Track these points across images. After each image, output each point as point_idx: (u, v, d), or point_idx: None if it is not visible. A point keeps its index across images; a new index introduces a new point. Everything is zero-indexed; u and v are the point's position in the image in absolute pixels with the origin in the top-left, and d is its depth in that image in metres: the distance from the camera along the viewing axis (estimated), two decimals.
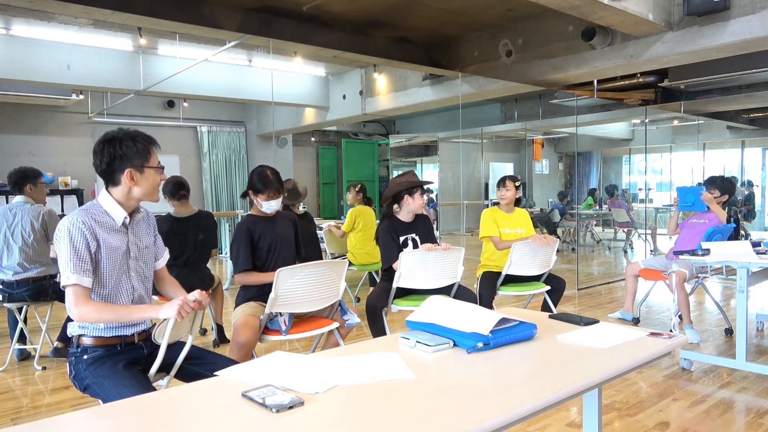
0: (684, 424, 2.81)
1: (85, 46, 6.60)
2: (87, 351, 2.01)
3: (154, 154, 2.05)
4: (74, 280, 1.88)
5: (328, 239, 6.32)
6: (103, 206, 2.02)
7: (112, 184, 2.02)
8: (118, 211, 2.02)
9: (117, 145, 1.99)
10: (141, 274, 2.12)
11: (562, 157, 14.82)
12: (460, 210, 12.21)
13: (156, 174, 2.05)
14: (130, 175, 1.99)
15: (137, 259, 2.09)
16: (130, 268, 2.06)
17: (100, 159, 2.01)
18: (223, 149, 10.80)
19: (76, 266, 1.89)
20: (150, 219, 2.22)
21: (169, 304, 1.93)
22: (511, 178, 4.26)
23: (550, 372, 1.48)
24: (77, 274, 1.88)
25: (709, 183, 4.65)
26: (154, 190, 2.06)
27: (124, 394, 1.88)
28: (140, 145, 2.01)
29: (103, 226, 1.98)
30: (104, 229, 1.98)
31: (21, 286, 3.84)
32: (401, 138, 13.30)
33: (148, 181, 2.03)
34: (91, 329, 2.01)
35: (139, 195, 2.03)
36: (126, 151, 1.98)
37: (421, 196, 3.62)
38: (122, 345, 2.05)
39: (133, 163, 1.99)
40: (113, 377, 1.95)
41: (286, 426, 1.17)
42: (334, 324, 2.99)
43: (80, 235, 1.91)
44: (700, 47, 4.46)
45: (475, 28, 6.06)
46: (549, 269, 4.03)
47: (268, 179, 3.06)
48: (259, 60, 7.80)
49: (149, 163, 2.02)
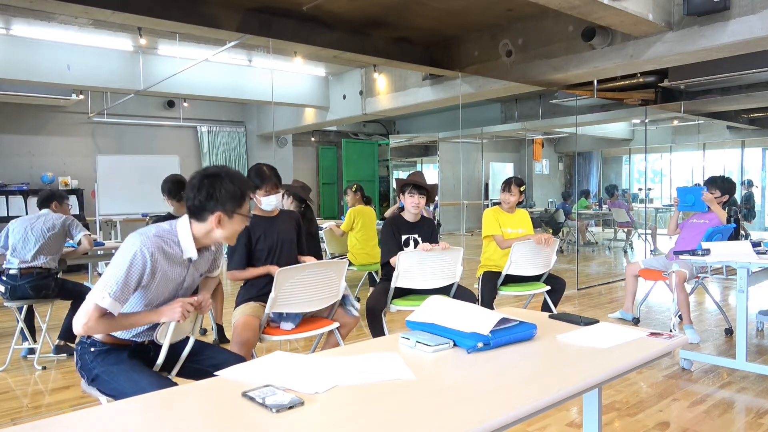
0: (684, 424, 2.81)
1: (85, 46, 6.60)
2: (95, 344, 2.01)
3: (246, 203, 1.99)
4: (107, 305, 1.81)
5: (328, 239, 6.33)
6: (178, 236, 1.97)
7: (196, 219, 1.96)
8: (190, 247, 1.97)
9: (216, 185, 1.92)
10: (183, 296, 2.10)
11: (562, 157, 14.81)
12: (460, 210, 12.21)
13: (242, 222, 2.00)
14: (218, 218, 1.93)
15: (188, 288, 2.09)
16: (177, 295, 2.05)
17: (195, 194, 1.93)
18: (223, 149, 10.80)
19: (117, 293, 1.82)
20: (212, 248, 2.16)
21: (170, 307, 1.93)
22: (516, 182, 4.20)
23: (550, 372, 1.48)
24: (114, 300, 1.82)
25: (710, 183, 4.65)
26: (234, 236, 2.01)
27: (136, 380, 1.90)
28: (237, 189, 1.95)
29: (168, 257, 1.94)
30: (168, 260, 1.94)
31: (24, 278, 3.86)
32: (401, 138, 13.30)
33: (233, 228, 1.98)
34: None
35: (219, 238, 1.99)
36: (224, 194, 1.92)
37: (410, 195, 3.58)
38: (132, 346, 2.07)
39: (226, 207, 1.93)
40: (122, 365, 1.97)
41: (286, 426, 1.17)
42: (334, 324, 2.99)
43: (142, 265, 1.85)
44: (700, 47, 4.46)
45: (475, 28, 6.06)
46: (549, 269, 4.03)
47: (265, 174, 3.06)
48: (259, 60, 7.80)
49: (241, 210, 1.97)
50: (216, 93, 7.95)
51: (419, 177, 3.73)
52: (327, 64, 8.19)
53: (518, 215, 4.26)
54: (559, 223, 10.31)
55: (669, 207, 10.00)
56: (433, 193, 3.68)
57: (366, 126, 13.19)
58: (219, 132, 10.78)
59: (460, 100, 6.80)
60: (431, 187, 3.65)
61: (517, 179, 4.24)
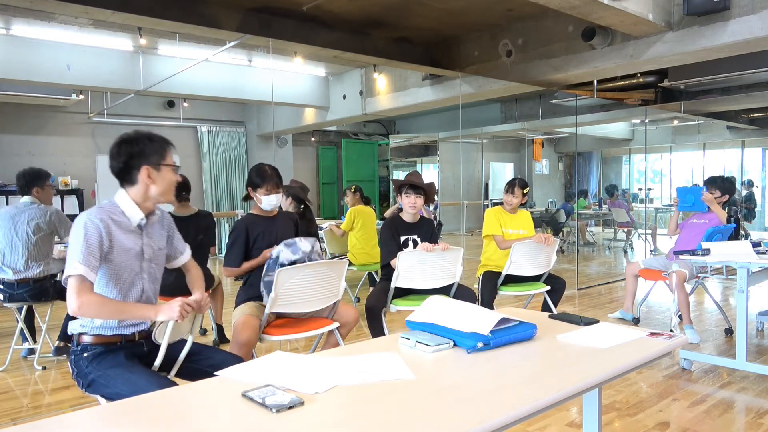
0: (684, 424, 2.81)
1: (85, 46, 6.59)
2: (87, 348, 2.01)
3: (170, 154, 2.05)
4: (81, 270, 1.85)
5: (328, 239, 6.33)
6: (120, 206, 2.02)
7: (128, 183, 2.02)
8: (135, 212, 2.02)
9: (134, 144, 1.99)
10: (152, 276, 2.12)
11: (562, 157, 14.82)
12: (460, 210, 12.21)
13: (172, 173, 2.05)
14: (147, 172, 1.99)
15: (150, 260, 2.10)
16: (143, 270, 2.07)
17: (117, 159, 2.00)
18: (223, 149, 10.79)
19: (85, 259, 1.87)
20: (164, 219, 2.22)
21: (168, 306, 1.93)
22: (520, 184, 4.20)
23: (550, 372, 1.48)
24: (85, 266, 1.87)
25: (710, 183, 4.65)
26: (170, 189, 2.06)
27: (133, 381, 1.90)
28: (156, 144, 2.02)
29: (119, 225, 1.98)
30: (120, 229, 1.98)
31: (21, 286, 3.83)
32: (401, 138, 13.30)
33: (165, 180, 2.03)
34: (90, 328, 2.01)
35: (156, 194, 2.03)
36: (143, 149, 1.99)
37: (406, 195, 3.57)
38: (122, 342, 2.05)
39: (150, 160, 1.99)
40: (118, 368, 1.96)
41: (286, 426, 1.17)
42: (334, 324, 2.99)
43: (96, 231, 1.91)
44: (700, 47, 4.46)
45: (475, 28, 6.06)
46: (549, 269, 4.03)
47: (266, 173, 3.08)
48: (259, 60, 7.79)
49: (165, 161, 2.03)
50: (216, 93, 7.94)
51: (415, 177, 3.73)
52: (327, 64, 8.18)
53: (520, 216, 4.27)
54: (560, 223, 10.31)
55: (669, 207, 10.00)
56: (430, 192, 3.67)
57: (366, 126, 13.18)
58: (219, 132, 10.77)
59: (460, 100, 6.80)
60: (428, 187, 3.64)
61: (521, 181, 4.24)
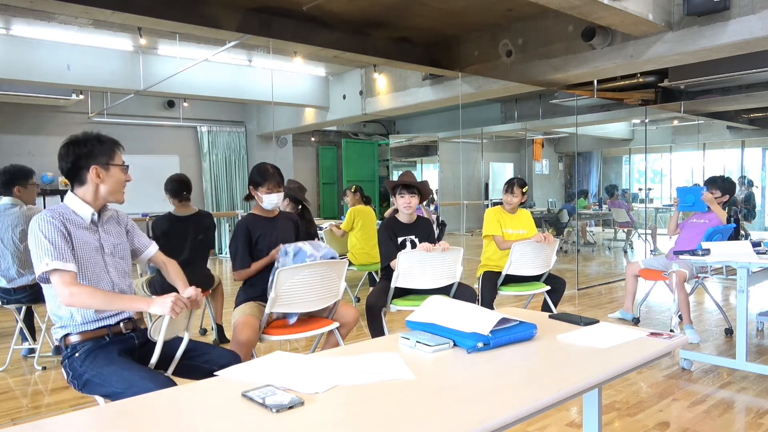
0: (684, 424, 2.81)
1: (85, 46, 6.59)
2: (77, 348, 2.00)
3: (118, 154, 2.09)
4: (54, 265, 1.87)
5: (328, 239, 6.32)
6: (70, 206, 2.04)
7: (78, 183, 2.05)
8: (86, 209, 2.05)
9: (82, 145, 2.03)
10: (119, 270, 2.12)
11: (562, 157, 14.81)
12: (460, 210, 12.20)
13: (121, 172, 2.09)
14: (96, 171, 2.03)
15: (113, 255, 2.11)
16: (107, 264, 2.07)
17: (65, 159, 2.04)
18: (223, 149, 10.80)
19: (53, 254, 1.88)
20: (120, 218, 2.24)
21: (162, 300, 1.92)
22: (519, 183, 4.20)
23: (550, 372, 1.48)
24: (57, 260, 1.87)
25: (710, 183, 4.65)
26: (119, 188, 2.10)
27: (126, 377, 1.88)
28: (105, 144, 2.06)
29: (72, 223, 2.00)
30: (74, 226, 2.00)
31: (18, 292, 3.82)
32: (401, 138, 13.30)
33: (114, 179, 2.07)
34: (73, 326, 2.00)
35: (105, 193, 2.06)
36: (91, 149, 2.03)
37: (400, 196, 3.55)
38: (110, 335, 2.04)
39: (99, 160, 2.03)
40: (112, 365, 1.94)
41: (286, 426, 1.17)
42: (334, 324, 2.99)
43: (51, 227, 1.92)
44: (700, 47, 4.46)
45: (475, 28, 6.06)
46: (549, 269, 4.03)
47: (268, 172, 3.08)
48: (259, 60, 7.80)
49: (114, 161, 2.06)
50: (216, 93, 7.95)
51: (408, 177, 3.72)
52: (327, 64, 8.19)
53: (520, 216, 4.26)
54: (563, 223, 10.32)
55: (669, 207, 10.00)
56: (424, 190, 3.65)
57: (366, 126, 13.18)
58: (219, 132, 10.77)
59: (460, 100, 6.80)
60: (421, 185, 3.63)
61: (519, 180, 4.24)
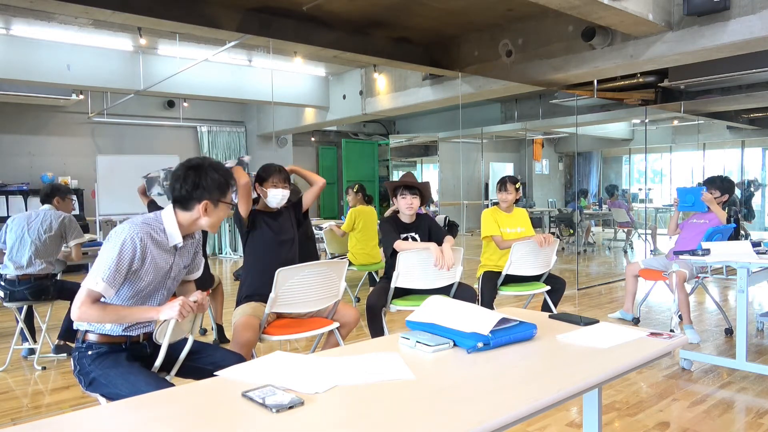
0: (684, 424, 2.81)
1: (85, 46, 6.59)
2: (92, 347, 2.03)
3: (231, 192, 2.07)
4: (101, 289, 1.87)
5: (328, 239, 6.32)
6: (164, 224, 2.03)
7: (182, 208, 2.03)
8: (176, 235, 2.04)
9: (203, 175, 1.99)
10: (170, 291, 2.17)
11: (562, 157, 14.81)
12: (460, 210, 12.20)
13: (226, 210, 2.08)
14: (205, 207, 2.01)
15: (175, 279, 2.15)
16: (165, 286, 2.11)
17: (181, 184, 1.99)
18: (223, 149, 10.79)
19: (110, 277, 1.88)
20: (196, 239, 2.23)
21: (170, 305, 1.94)
22: (511, 180, 4.24)
23: (550, 372, 1.48)
24: (107, 284, 1.88)
25: (709, 183, 4.65)
26: (218, 223, 2.10)
27: (132, 381, 1.92)
28: (222, 179, 2.02)
29: (156, 243, 2.00)
30: (156, 246, 2.00)
31: (22, 283, 3.85)
32: (401, 138, 13.29)
33: (218, 216, 2.06)
34: (98, 327, 2.03)
35: (205, 226, 2.06)
36: (210, 183, 1.99)
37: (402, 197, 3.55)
38: (127, 344, 2.07)
39: (213, 196, 2.01)
40: (119, 368, 1.98)
41: (286, 426, 1.17)
42: (334, 324, 2.99)
43: (132, 249, 1.92)
44: (700, 47, 4.46)
45: (475, 28, 6.06)
46: (549, 269, 4.03)
47: (273, 167, 3.12)
48: (259, 60, 7.79)
49: (225, 199, 2.04)
50: (216, 93, 7.94)
51: (409, 177, 3.72)
52: (327, 64, 8.18)
53: (516, 214, 4.27)
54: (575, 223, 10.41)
55: (669, 207, 10.00)
56: (426, 191, 3.65)
57: (366, 126, 13.17)
58: (219, 132, 10.77)
59: (460, 100, 6.80)
60: (423, 186, 3.63)
61: (511, 177, 4.28)
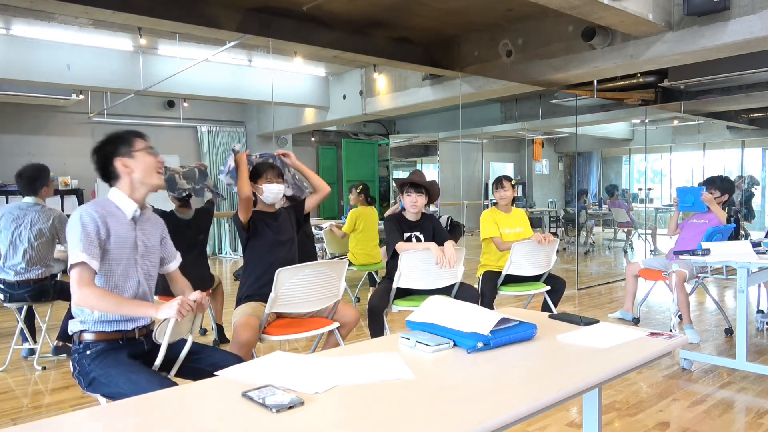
0: (684, 424, 2.81)
1: (85, 46, 6.59)
2: (89, 346, 2.03)
3: (137, 142, 2.13)
4: (83, 258, 1.93)
5: (328, 239, 6.32)
6: (113, 201, 2.12)
7: (114, 179, 2.12)
8: (129, 204, 2.11)
9: (103, 147, 2.12)
10: (146, 272, 2.17)
11: (562, 157, 14.82)
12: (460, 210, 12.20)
13: (146, 155, 2.12)
14: (121, 163, 2.09)
15: (143, 256, 2.16)
16: (137, 263, 2.13)
17: (95, 163, 2.14)
18: (223, 149, 10.79)
19: (85, 247, 1.95)
20: (159, 222, 2.30)
21: (169, 304, 1.94)
22: (506, 178, 4.32)
23: (550, 372, 1.48)
24: (86, 254, 1.94)
25: (709, 183, 4.66)
26: (151, 171, 2.13)
27: (133, 380, 1.92)
28: (122, 137, 2.13)
29: (113, 216, 2.07)
30: (115, 219, 2.06)
31: (22, 287, 3.83)
32: (401, 138, 13.29)
33: (142, 163, 2.11)
34: (91, 323, 2.04)
35: (139, 180, 2.11)
36: (110, 146, 2.11)
37: (407, 194, 3.56)
38: (123, 340, 2.08)
39: (120, 152, 2.09)
40: (120, 366, 1.99)
41: (286, 426, 1.17)
42: (334, 324, 2.99)
43: (91, 221, 1.99)
44: (700, 47, 4.46)
45: (475, 28, 6.06)
46: (549, 269, 4.03)
47: (264, 164, 3.13)
48: (259, 60, 7.79)
49: (136, 147, 2.11)
50: (216, 93, 7.94)
51: (417, 176, 3.72)
52: (327, 64, 8.18)
53: (515, 215, 4.30)
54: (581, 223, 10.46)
55: (669, 207, 10.00)
56: (433, 191, 3.65)
57: (366, 126, 13.17)
58: (219, 132, 10.77)
59: (460, 100, 6.80)
60: (430, 185, 3.63)
61: (505, 176, 4.36)
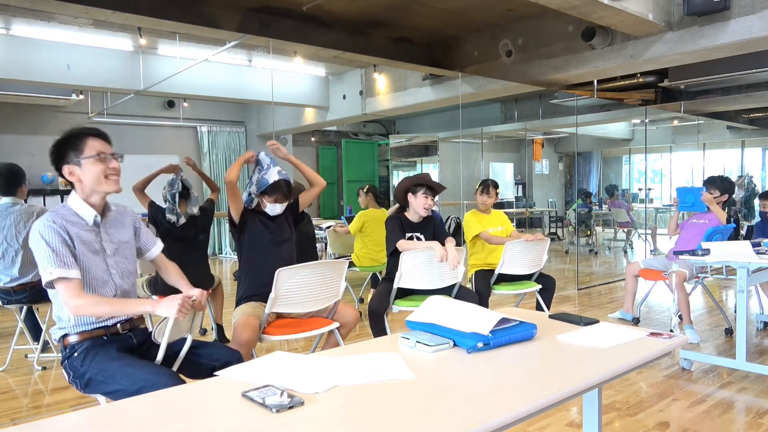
0: (684, 424, 2.81)
1: (85, 46, 6.59)
2: (75, 348, 2.00)
3: (89, 144, 1.99)
4: (57, 273, 1.87)
5: (331, 240, 6.31)
6: (72, 208, 2.03)
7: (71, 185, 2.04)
8: (87, 210, 2.02)
9: (55, 149, 2.01)
10: (121, 271, 2.11)
11: (562, 157, 14.81)
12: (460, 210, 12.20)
13: (94, 163, 1.98)
14: (68, 171, 1.99)
15: (114, 255, 2.09)
16: (109, 266, 2.06)
17: (54, 166, 2.02)
18: (223, 149, 10.79)
19: (56, 261, 1.88)
20: (128, 214, 2.22)
21: (169, 302, 1.91)
22: (494, 184, 4.44)
23: (550, 372, 1.48)
24: (60, 268, 1.88)
25: (709, 183, 4.65)
26: (99, 179, 1.99)
27: (131, 374, 1.88)
28: (72, 140, 1.99)
29: (74, 224, 1.99)
30: (75, 227, 1.99)
31: (19, 293, 3.80)
32: (401, 138, 13.28)
33: (88, 172, 1.98)
34: (70, 327, 2.01)
35: (89, 189, 2.01)
36: (61, 151, 1.99)
37: (424, 196, 3.57)
38: (107, 335, 2.04)
39: (68, 159, 1.98)
40: (113, 361, 1.94)
41: (286, 426, 1.17)
42: (334, 324, 2.99)
43: (53, 232, 1.91)
44: (700, 47, 4.46)
45: (475, 28, 6.06)
46: (540, 268, 4.06)
47: (280, 187, 3.08)
48: (259, 60, 7.79)
49: (84, 155, 1.98)
50: (216, 93, 7.94)
51: (428, 178, 3.73)
52: (327, 64, 8.18)
53: (494, 215, 4.44)
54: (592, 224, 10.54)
55: (669, 207, 10.00)
56: (439, 193, 3.71)
57: (366, 126, 13.17)
58: (219, 132, 10.77)
59: (460, 100, 6.79)
60: (439, 188, 3.68)
61: (493, 182, 4.47)
